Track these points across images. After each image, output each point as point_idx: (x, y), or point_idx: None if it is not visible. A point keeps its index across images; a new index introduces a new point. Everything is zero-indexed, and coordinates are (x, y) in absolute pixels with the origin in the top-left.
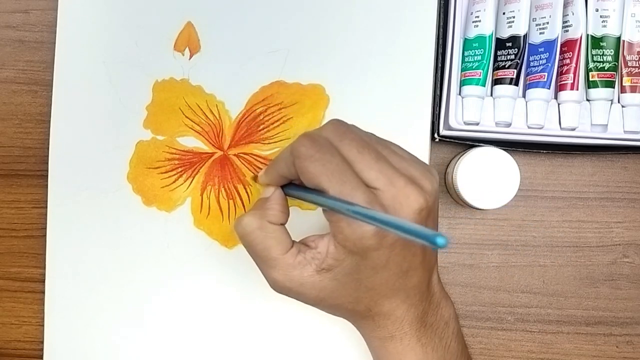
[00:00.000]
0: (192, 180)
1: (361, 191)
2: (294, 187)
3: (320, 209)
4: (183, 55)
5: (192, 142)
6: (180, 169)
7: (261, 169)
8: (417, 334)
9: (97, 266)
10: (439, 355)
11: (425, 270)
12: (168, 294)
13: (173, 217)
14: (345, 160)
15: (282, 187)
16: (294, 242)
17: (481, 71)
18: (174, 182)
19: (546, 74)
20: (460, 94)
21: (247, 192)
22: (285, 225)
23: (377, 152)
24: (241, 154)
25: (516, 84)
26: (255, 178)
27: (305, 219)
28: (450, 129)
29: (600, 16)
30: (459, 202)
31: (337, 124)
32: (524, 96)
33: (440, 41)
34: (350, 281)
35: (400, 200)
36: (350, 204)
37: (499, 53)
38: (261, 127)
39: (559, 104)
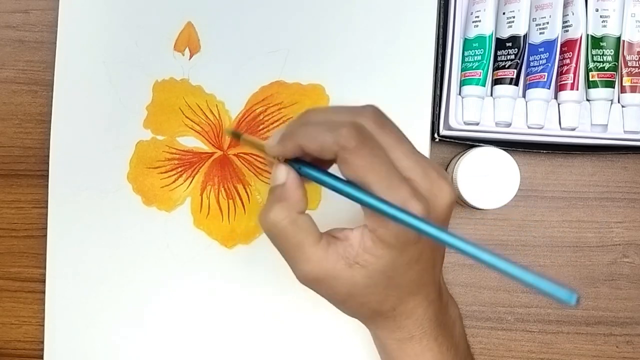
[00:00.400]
0: (192, 180)
1: (404, 186)
2: (312, 167)
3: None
4: (183, 55)
5: (192, 142)
6: (180, 169)
7: (261, 169)
8: (434, 333)
9: (97, 266)
10: (452, 355)
11: (441, 265)
12: (168, 293)
13: (173, 217)
14: (386, 152)
15: (292, 162)
16: (323, 234)
17: (481, 71)
18: (173, 182)
19: (546, 74)
20: (460, 94)
21: (246, 192)
22: None
23: (412, 144)
24: (241, 154)
25: (516, 84)
26: (235, 135)
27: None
28: (450, 129)
29: (600, 16)
30: (459, 202)
31: (378, 112)
32: (524, 96)
33: (440, 41)
34: (383, 279)
35: (435, 192)
36: (404, 211)
37: (499, 53)
38: (261, 127)
39: (559, 104)
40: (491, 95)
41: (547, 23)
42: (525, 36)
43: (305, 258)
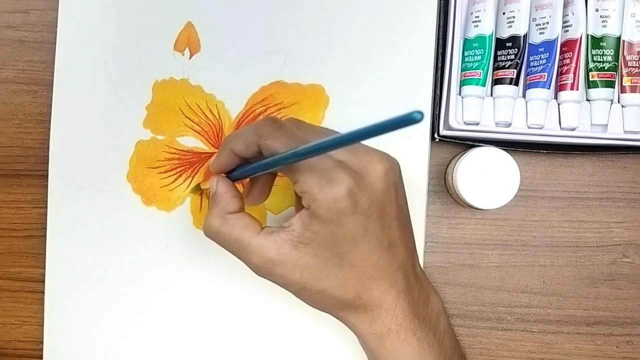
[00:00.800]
0: (192, 180)
1: (328, 158)
2: (244, 166)
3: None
4: (183, 55)
5: (192, 142)
6: (179, 169)
7: None
8: (412, 326)
9: (97, 265)
10: (434, 352)
11: (408, 251)
12: (167, 293)
13: (172, 216)
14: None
15: (229, 174)
16: (265, 226)
17: (481, 71)
18: (173, 181)
19: (546, 74)
20: (460, 94)
21: None
22: None
23: (333, 133)
24: None
25: (516, 84)
26: (196, 189)
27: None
28: (450, 129)
29: (600, 16)
30: (459, 202)
31: (295, 119)
32: (524, 96)
33: (440, 41)
34: (331, 256)
35: (364, 164)
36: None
37: (499, 53)
38: None
39: (559, 104)
40: (491, 95)
41: (547, 23)
42: (525, 36)
43: (249, 251)
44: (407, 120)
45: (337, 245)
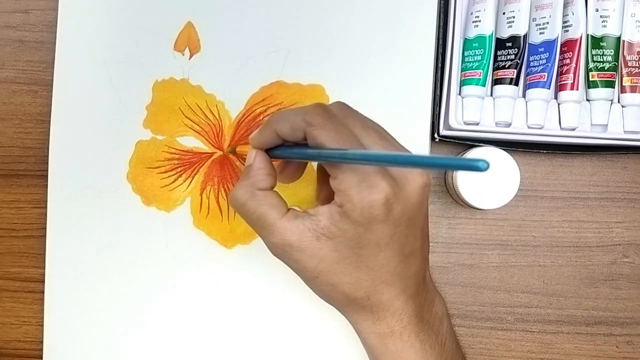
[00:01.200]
0: (192, 180)
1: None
2: (285, 148)
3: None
4: (183, 55)
5: (192, 142)
6: (179, 169)
7: None
8: (415, 329)
9: (97, 266)
10: (436, 353)
11: (423, 259)
12: (167, 293)
13: (172, 216)
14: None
15: (268, 150)
16: (291, 208)
17: (481, 71)
18: (173, 181)
19: (546, 74)
20: (460, 94)
21: None
22: None
23: (379, 132)
24: (241, 154)
25: (516, 84)
26: (232, 150)
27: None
28: (450, 129)
29: (600, 16)
30: (459, 202)
31: (343, 104)
32: (524, 96)
33: (440, 41)
34: (351, 255)
35: (406, 174)
36: (367, 152)
37: (499, 53)
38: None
39: (559, 104)
40: (491, 95)
41: (547, 23)
42: (525, 36)
43: (270, 230)
44: (471, 167)
45: (360, 248)
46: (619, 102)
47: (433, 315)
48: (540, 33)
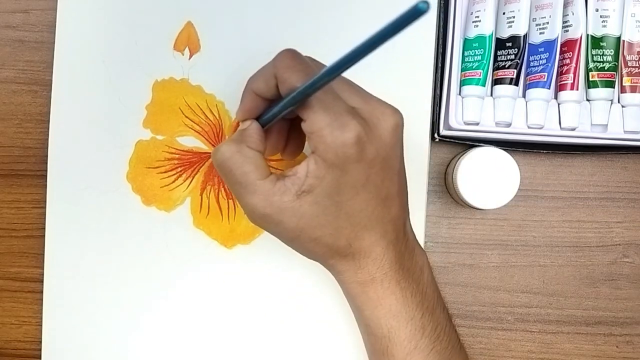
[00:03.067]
0: (192, 180)
1: (340, 101)
2: (267, 112)
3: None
4: (183, 55)
5: (192, 142)
6: (179, 169)
7: None
8: (396, 276)
9: (96, 266)
10: (417, 301)
11: (402, 206)
12: (167, 293)
13: (172, 216)
14: None
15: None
16: (272, 172)
17: (481, 71)
18: (173, 181)
19: (546, 74)
20: (460, 94)
21: None
22: None
23: (349, 81)
24: None
25: (516, 84)
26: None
27: None
28: (450, 129)
29: (600, 16)
30: (459, 202)
31: (310, 57)
32: (524, 96)
33: (440, 41)
34: (330, 205)
35: (377, 115)
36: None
37: (499, 53)
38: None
39: (559, 104)
40: (491, 95)
41: (547, 23)
42: (525, 36)
43: (252, 190)
44: (413, 13)
45: (338, 193)
46: (619, 102)
47: (414, 264)
48: (540, 33)
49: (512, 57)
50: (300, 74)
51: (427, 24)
